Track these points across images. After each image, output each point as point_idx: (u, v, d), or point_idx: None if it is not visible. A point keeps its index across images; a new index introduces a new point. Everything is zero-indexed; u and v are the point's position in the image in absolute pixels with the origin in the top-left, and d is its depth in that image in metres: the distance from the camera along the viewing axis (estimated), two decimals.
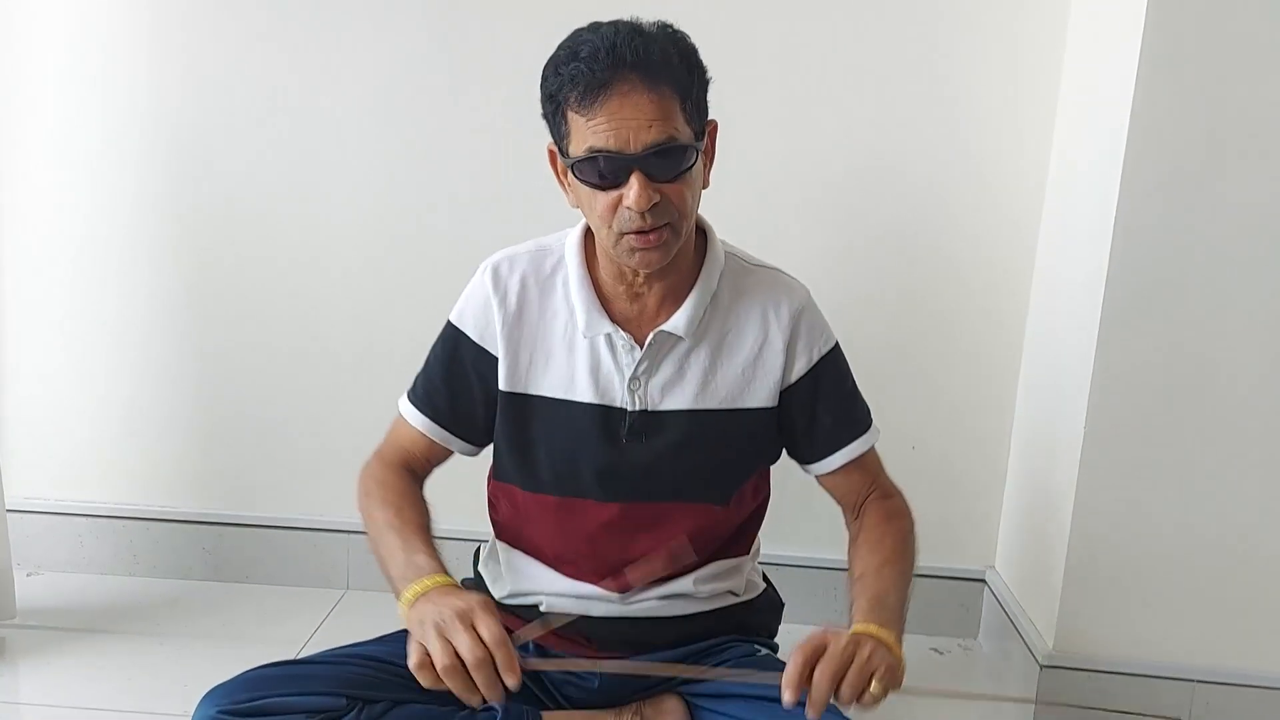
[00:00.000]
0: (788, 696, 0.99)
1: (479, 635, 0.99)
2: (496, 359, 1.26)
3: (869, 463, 1.32)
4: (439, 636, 1.00)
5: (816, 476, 1.33)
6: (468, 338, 1.27)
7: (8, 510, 1.75)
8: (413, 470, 1.31)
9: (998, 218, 1.79)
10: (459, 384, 1.28)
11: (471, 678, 0.99)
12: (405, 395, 1.32)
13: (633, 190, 1.09)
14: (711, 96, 1.22)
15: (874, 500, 1.30)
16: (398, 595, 1.10)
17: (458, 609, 1.02)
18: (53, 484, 1.98)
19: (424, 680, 1.01)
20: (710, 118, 1.20)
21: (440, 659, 0.99)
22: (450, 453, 1.33)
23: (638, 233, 1.12)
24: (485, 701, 1.01)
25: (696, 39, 1.19)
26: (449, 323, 1.29)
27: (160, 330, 1.91)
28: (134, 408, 1.94)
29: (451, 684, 0.99)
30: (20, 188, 1.88)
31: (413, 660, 1.01)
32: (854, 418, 1.31)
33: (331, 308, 1.89)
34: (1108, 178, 1.47)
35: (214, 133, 1.84)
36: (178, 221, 1.87)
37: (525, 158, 1.31)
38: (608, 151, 1.09)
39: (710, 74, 1.19)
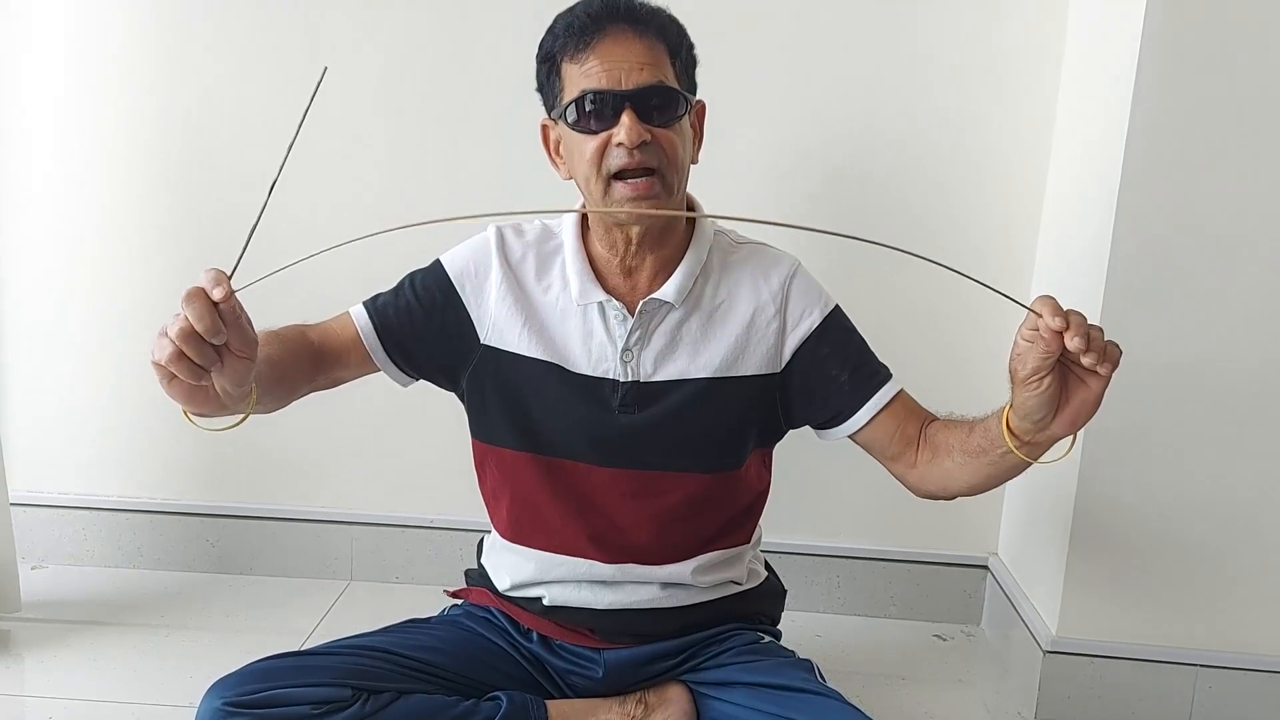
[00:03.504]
0: (1057, 322, 0.93)
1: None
2: (468, 312, 1.27)
3: (910, 403, 1.28)
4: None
5: (851, 437, 1.29)
6: (449, 281, 1.28)
7: (12, 504, 1.76)
8: (319, 351, 1.25)
9: (998, 210, 1.78)
10: (419, 314, 1.28)
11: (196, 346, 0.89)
12: (362, 301, 1.30)
13: (624, 126, 1.12)
14: (704, 85, 1.24)
15: (932, 423, 1.25)
16: None
17: None
18: (57, 477, 1.98)
19: (166, 373, 0.91)
20: (700, 99, 1.23)
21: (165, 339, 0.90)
22: (364, 370, 1.29)
23: (628, 179, 1.14)
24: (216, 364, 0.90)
25: (690, 24, 1.22)
26: (437, 261, 1.30)
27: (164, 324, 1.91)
28: (138, 401, 1.94)
29: (186, 347, 0.89)
30: (28, 182, 1.87)
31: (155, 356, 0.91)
32: (872, 369, 1.28)
33: (334, 301, 1.88)
34: (1109, 166, 1.47)
35: (220, 129, 1.83)
36: (184, 219, 1.87)
37: (531, 157, 1.33)
38: (600, 90, 1.12)
39: (701, 60, 1.23)
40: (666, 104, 1.15)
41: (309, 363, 1.23)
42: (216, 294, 0.89)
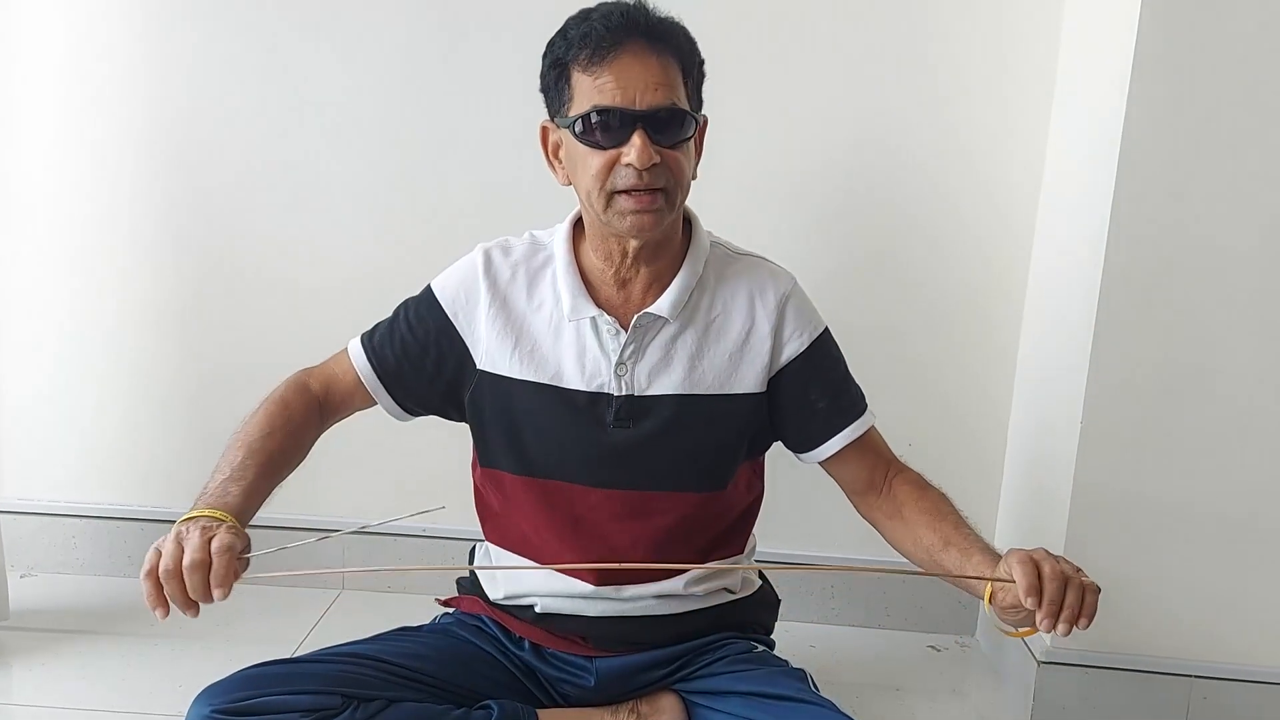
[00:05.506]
0: (1029, 602, 0.99)
1: (209, 545, 0.98)
2: (463, 339, 1.26)
3: (876, 443, 1.31)
4: (174, 542, 0.99)
5: (820, 464, 1.32)
6: (441, 310, 1.27)
7: (1, 512, 1.75)
8: (325, 403, 1.30)
9: (993, 212, 1.78)
10: (415, 348, 1.28)
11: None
12: (359, 335, 1.31)
13: (635, 147, 1.11)
14: (704, 91, 1.23)
15: (899, 476, 1.29)
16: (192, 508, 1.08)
17: (204, 524, 1.01)
18: (46, 485, 1.97)
19: (145, 590, 0.99)
20: (704, 115, 1.22)
21: (163, 561, 0.97)
22: (372, 405, 1.32)
23: (633, 192, 1.13)
24: (191, 611, 0.98)
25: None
26: (429, 288, 1.30)
27: (154, 332, 1.90)
28: (128, 409, 1.93)
29: (167, 586, 0.98)
30: (18, 190, 1.87)
31: (144, 569, 0.99)
32: (849, 401, 1.30)
33: (326, 309, 1.88)
34: (1103, 170, 1.47)
35: (212, 137, 1.83)
36: (173, 224, 1.87)
37: (526, 155, 1.33)
38: (612, 107, 1.11)
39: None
40: (677, 126, 1.14)
41: (315, 424, 1.28)
42: (217, 595, 0.98)
